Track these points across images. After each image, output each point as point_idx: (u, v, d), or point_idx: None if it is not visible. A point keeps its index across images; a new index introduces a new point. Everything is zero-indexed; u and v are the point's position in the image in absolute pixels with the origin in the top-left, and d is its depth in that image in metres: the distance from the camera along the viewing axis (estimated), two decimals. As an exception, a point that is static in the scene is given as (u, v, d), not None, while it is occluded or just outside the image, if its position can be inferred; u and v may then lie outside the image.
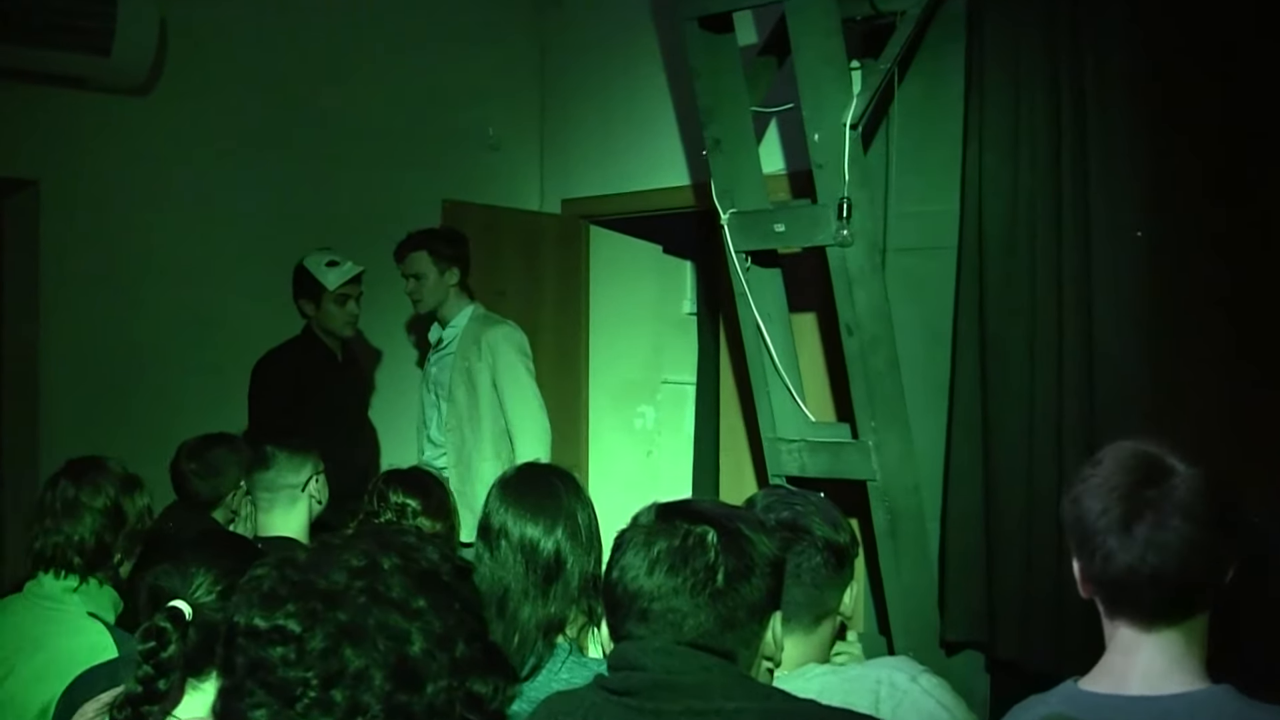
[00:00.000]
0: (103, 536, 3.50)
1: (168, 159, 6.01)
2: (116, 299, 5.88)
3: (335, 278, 5.76)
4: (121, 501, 3.56)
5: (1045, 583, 4.78)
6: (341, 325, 5.84)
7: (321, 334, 5.82)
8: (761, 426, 5.43)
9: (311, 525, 4.35)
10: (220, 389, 5.94)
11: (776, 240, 5.22)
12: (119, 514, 3.54)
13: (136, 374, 5.91)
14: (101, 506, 3.52)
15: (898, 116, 5.37)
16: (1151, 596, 2.16)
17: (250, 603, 1.63)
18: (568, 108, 7.36)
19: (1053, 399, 4.81)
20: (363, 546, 1.68)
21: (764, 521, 2.30)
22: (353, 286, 5.82)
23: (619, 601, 2.16)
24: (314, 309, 5.78)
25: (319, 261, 5.79)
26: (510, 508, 3.22)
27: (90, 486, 3.53)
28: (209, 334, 6.08)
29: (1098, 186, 4.72)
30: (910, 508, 5.14)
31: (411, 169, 6.81)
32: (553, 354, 7.22)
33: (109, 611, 3.46)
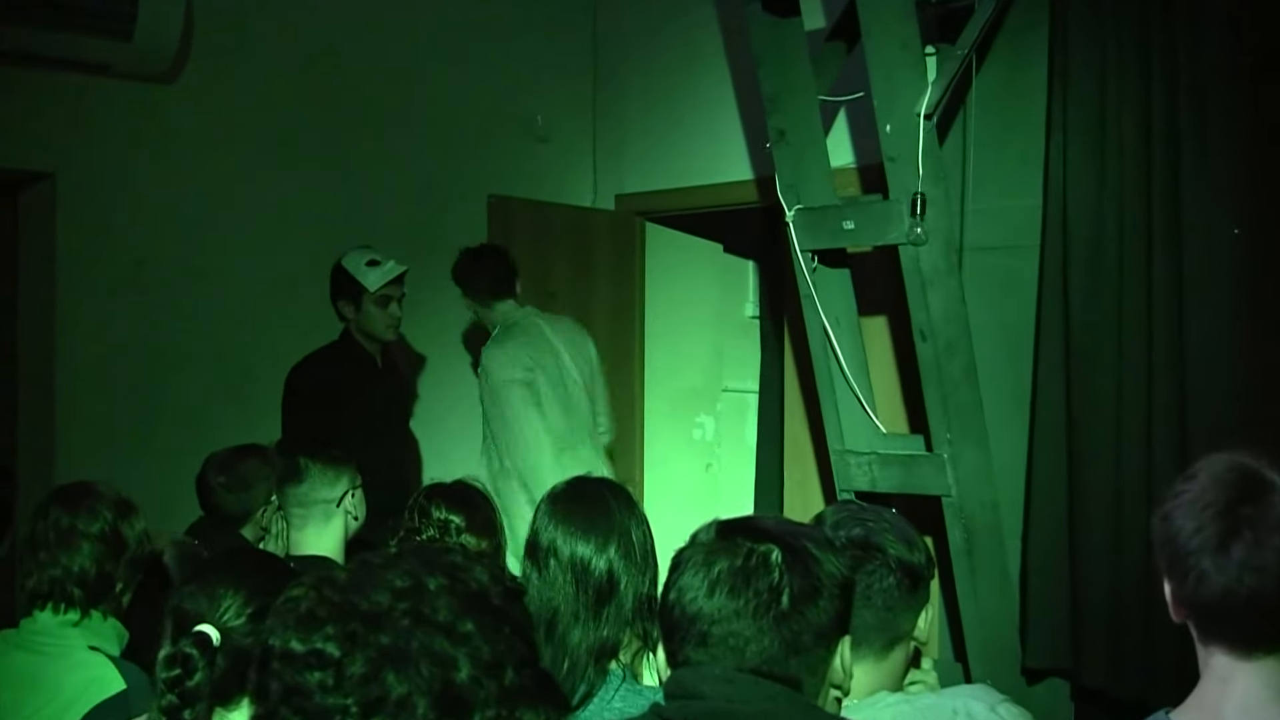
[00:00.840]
0: (103, 565, 3.42)
1: (193, 151, 6.01)
2: (138, 298, 5.88)
3: (376, 278, 5.77)
4: (119, 527, 3.48)
5: (1134, 606, 4.76)
6: (383, 329, 5.84)
7: (361, 338, 5.83)
8: (829, 438, 5.42)
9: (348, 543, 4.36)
10: (251, 396, 5.97)
11: (845, 239, 5.21)
12: (118, 540, 3.47)
13: (160, 379, 5.91)
14: (99, 533, 3.43)
15: (975, 105, 5.35)
16: (1249, 621, 2.14)
17: (286, 624, 1.63)
18: (622, 97, 7.36)
19: (1142, 408, 4.79)
20: (406, 566, 1.67)
21: (832, 540, 2.30)
22: (394, 287, 5.82)
23: (676, 624, 2.16)
24: (353, 311, 5.79)
25: (359, 261, 5.80)
26: (560, 524, 3.22)
27: (86, 513, 3.45)
28: (238, 336, 6.09)
29: (1191, 179, 4.70)
30: (988, 525, 5.12)
31: (455, 162, 6.82)
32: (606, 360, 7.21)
33: (114, 645, 3.40)
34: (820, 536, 2.25)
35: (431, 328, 6.71)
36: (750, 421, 7.89)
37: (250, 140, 6.17)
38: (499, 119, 7.05)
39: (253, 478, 4.70)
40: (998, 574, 5.16)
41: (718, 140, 6.77)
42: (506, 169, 7.03)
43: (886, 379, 5.74)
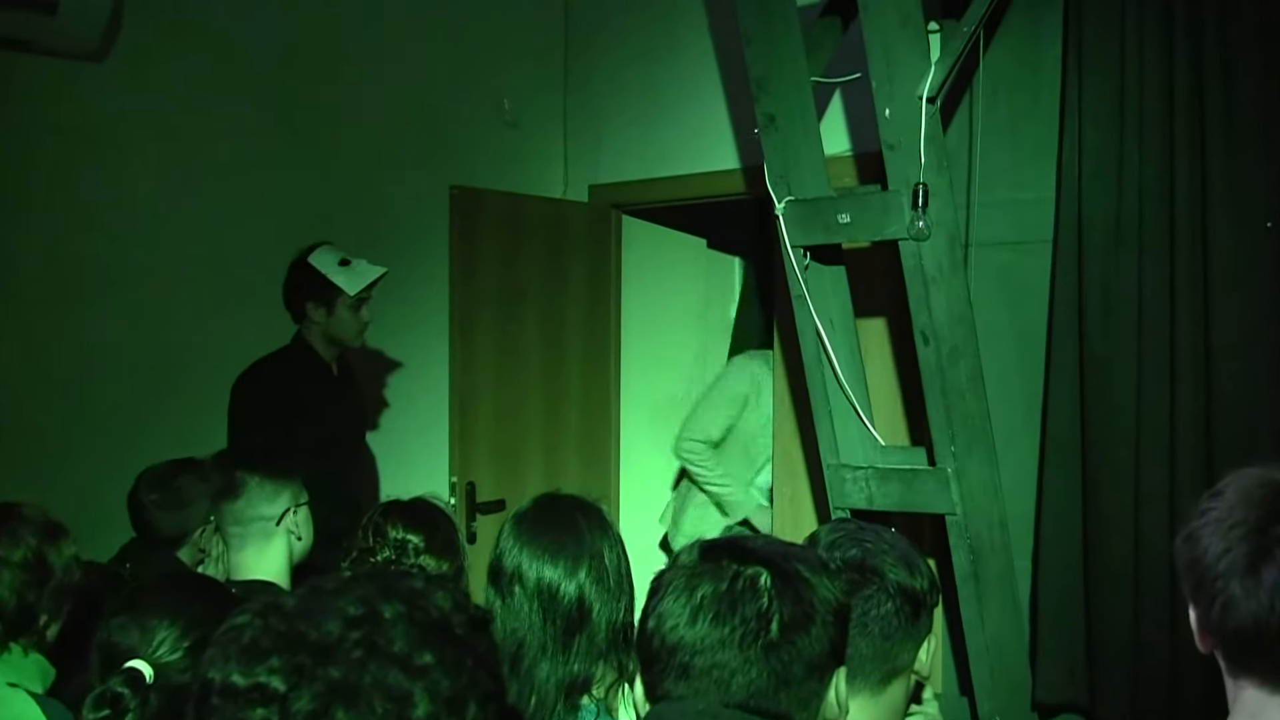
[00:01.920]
0: (24, 595, 3.39)
1: (127, 136, 5.93)
2: (63, 299, 5.79)
3: (355, 280, 5.75)
4: (45, 552, 3.44)
5: (1156, 635, 4.77)
6: (354, 334, 5.84)
7: (320, 343, 5.82)
8: (822, 451, 5.42)
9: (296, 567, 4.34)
10: (189, 406, 5.92)
11: (840, 233, 5.21)
12: (43, 568, 3.42)
13: (88, 386, 5.82)
14: (21, 560, 3.39)
15: (983, 87, 5.37)
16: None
17: (227, 655, 1.61)
18: (596, 77, 7.36)
19: (1164, 419, 4.80)
20: (360, 592, 1.66)
21: (826, 562, 2.30)
22: (368, 290, 5.83)
23: (656, 655, 2.15)
24: (324, 315, 5.78)
25: (329, 260, 5.77)
26: (525, 546, 3.21)
27: (7, 538, 3.41)
28: (176, 340, 6.04)
29: (1220, 168, 4.71)
30: (996, 546, 5.13)
31: (415, 149, 6.81)
32: (579, 364, 7.23)
33: (36, 682, 3.35)
34: (813, 558, 2.25)
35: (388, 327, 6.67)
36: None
37: (189, 125, 6.11)
38: (462, 102, 7.04)
39: (189, 495, 4.67)
40: (1007, 599, 5.16)
41: (701, 126, 6.77)
42: (470, 156, 7.01)
43: (885, 387, 5.75)
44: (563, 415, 7.17)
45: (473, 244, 6.54)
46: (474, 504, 6.58)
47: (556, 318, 7.07)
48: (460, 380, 6.62)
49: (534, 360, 6.99)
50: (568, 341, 7.10)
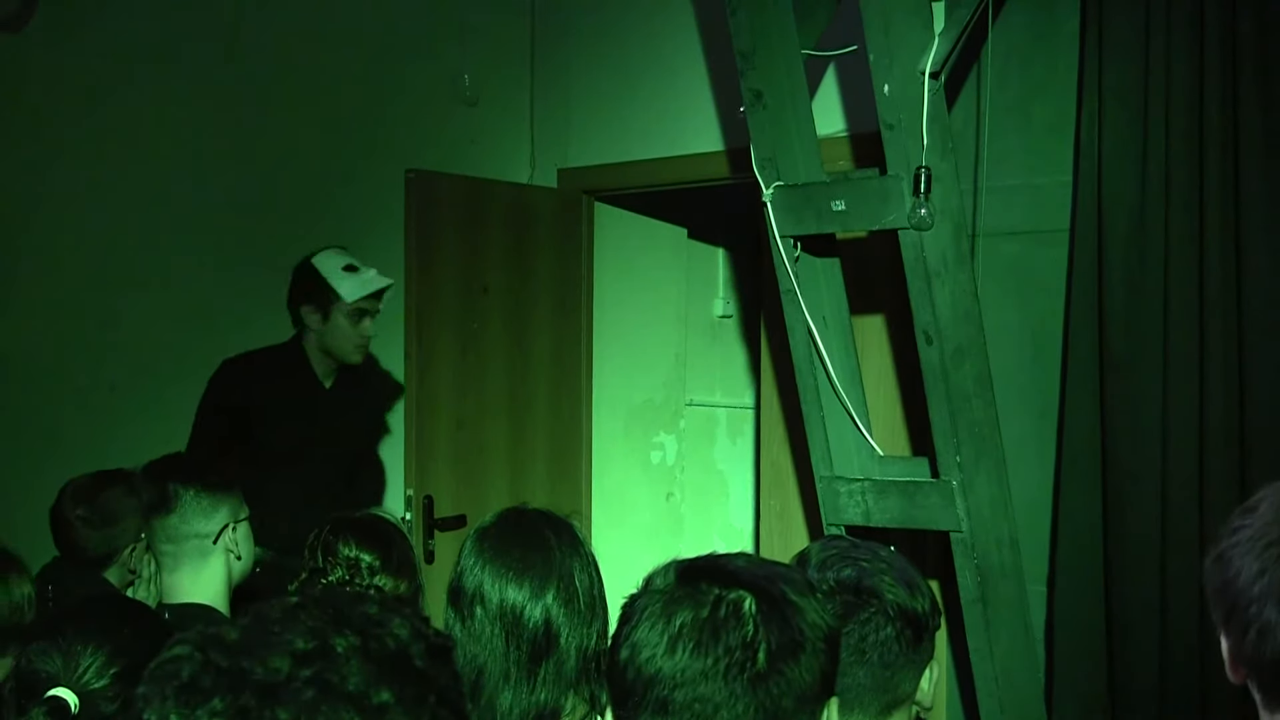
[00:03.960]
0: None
1: (47, 115, 5.89)
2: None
3: (354, 287, 5.75)
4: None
5: (1184, 664, 4.78)
6: (350, 349, 5.83)
7: (316, 354, 5.83)
8: (814, 462, 5.42)
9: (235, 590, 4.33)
10: (118, 413, 5.92)
11: (834, 222, 5.21)
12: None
13: (4, 393, 5.86)
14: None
15: (993, 62, 5.37)
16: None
17: (163, 694, 1.59)
18: (565, 51, 7.35)
19: (1193, 427, 4.80)
20: (311, 622, 1.64)
21: (815, 583, 2.30)
22: (372, 301, 5.82)
23: (631, 688, 2.15)
24: (319, 322, 5.78)
25: (333, 264, 5.77)
26: (488, 565, 3.21)
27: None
28: (103, 341, 6.03)
29: (1254, 151, 4.72)
30: (1006, 567, 5.13)
31: (366, 129, 6.79)
32: (547, 366, 7.22)
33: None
34: (800, 580, 2.25)
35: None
36: (720, 441, 7.90)
37: (121, 102, 6.07)
38: (418, 77, 7.03)
39: (118, 510, 4.66)
40: (1018, 626, 5.17)
41: (682, 104, 6.77)
42: (427, 137, 7.00)
43: (884, 391, 5.76)
44: (529, 422, 7.15)
45: (431, 234, 6.52)
46: (432, 519, 6.56)
47: (523, 315, 7.06)
48: (417, 383, 6.59)
49: (498, 361, 6.97)
50: (535, 341, 7.09)
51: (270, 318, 6.01)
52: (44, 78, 5.89)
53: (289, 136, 6.55)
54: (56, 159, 5.92)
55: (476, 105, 7.22)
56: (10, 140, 5.81)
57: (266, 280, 6.11)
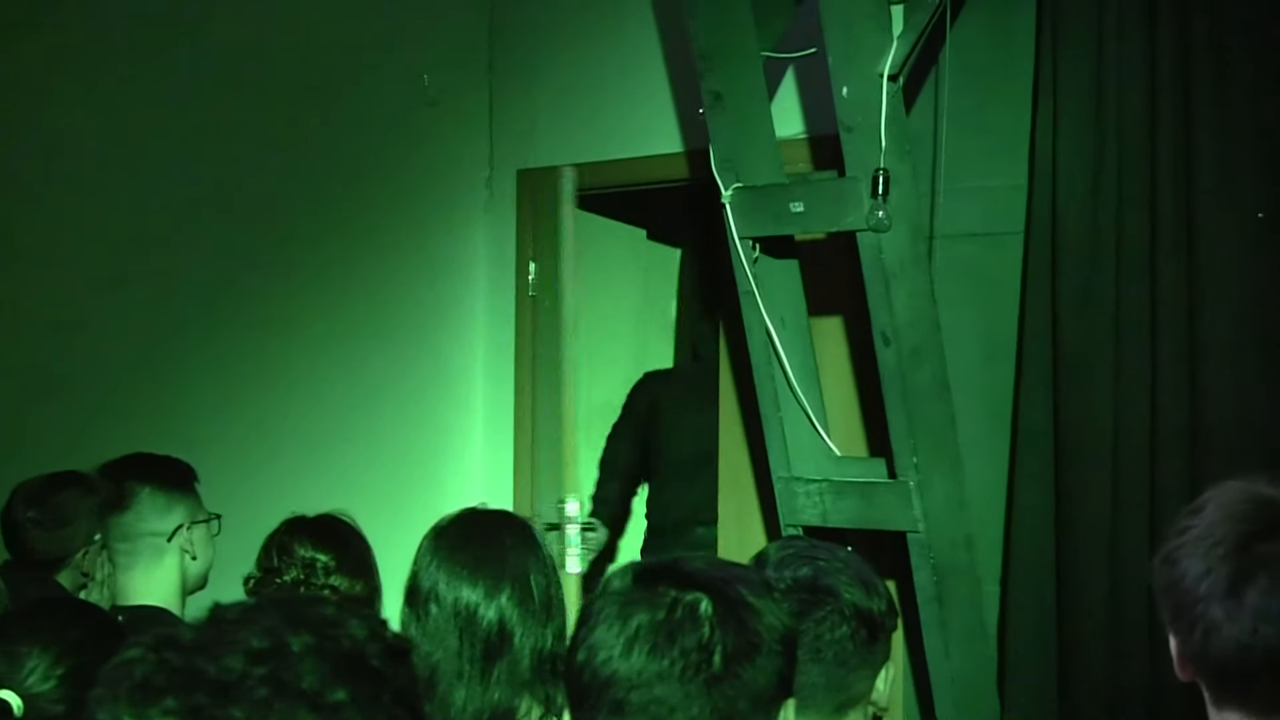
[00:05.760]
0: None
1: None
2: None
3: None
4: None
5: (1135, 663, 4.80)
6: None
7: None
8: (772, 463, 5.43)
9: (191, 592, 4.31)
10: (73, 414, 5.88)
11: (793, 223, 5.22)
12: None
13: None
14: None
15: (950, 66, 5.38)
16: (1268, 681, 2.15)
17: (116, 695, 1.59)
18: (525, 51, 7.32)
19: (1145, 428, 4.82)
20: (266, 622, 1.64)
21: (771, 584, 2.30)
22: None
23: (587, 689, 2.15)
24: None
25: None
26: (443, 564, 3.23)
27: None
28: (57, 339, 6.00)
29: (1208, 155, 4.74)
30: (962, 566, 5.15)
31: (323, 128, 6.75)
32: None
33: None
34: (757, 581, 2.25)
35: (295, 323, 6.64)
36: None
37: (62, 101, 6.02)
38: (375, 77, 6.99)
39: (71, 512, 4.60)
40: (974, 626, 5.18)
41: (641, 106, 6.76)
42: (386, 137, 6.98)
43: (842, 392, 5.76)
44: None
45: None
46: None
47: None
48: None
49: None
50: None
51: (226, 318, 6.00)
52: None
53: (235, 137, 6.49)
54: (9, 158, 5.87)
55: (436, 106, 7.19)
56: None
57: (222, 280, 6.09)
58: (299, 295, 6.46)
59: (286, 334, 6.54)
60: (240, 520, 4.57)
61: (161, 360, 5.89)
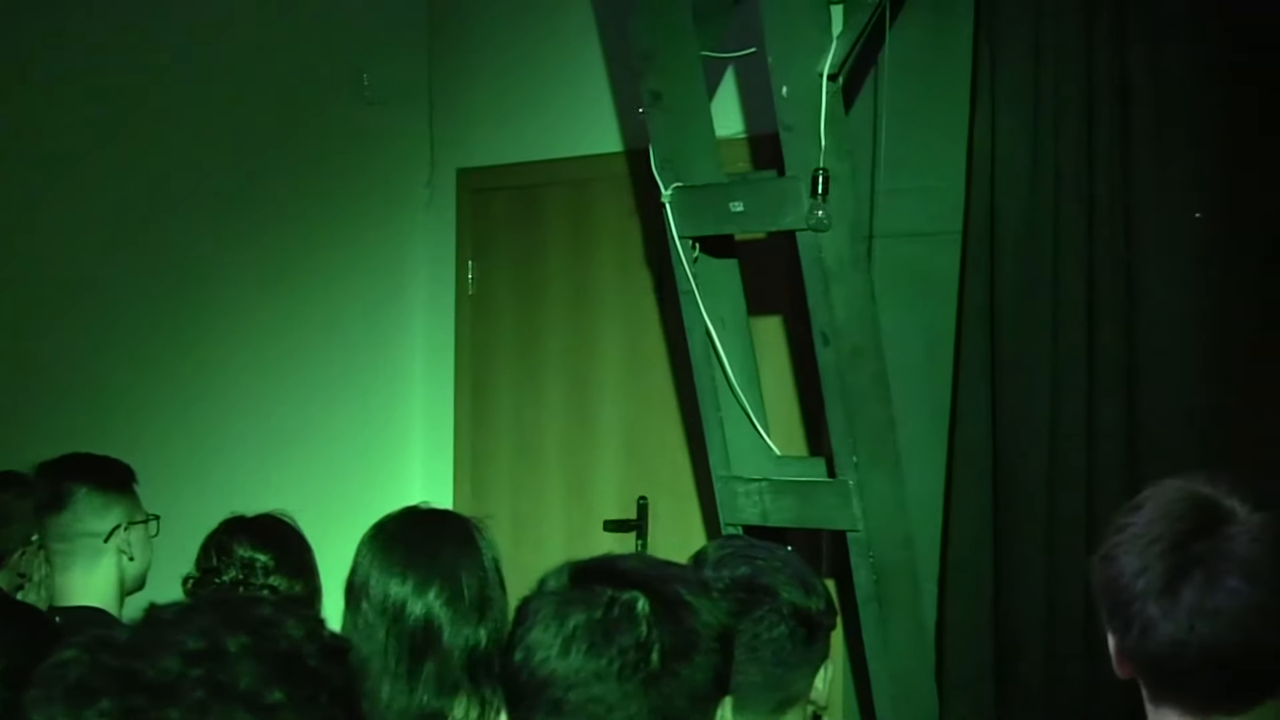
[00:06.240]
0: None
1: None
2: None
3: None
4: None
5: (1073, 661, 4.81)
6: None
7: None
8: (712, 462, 5.43)
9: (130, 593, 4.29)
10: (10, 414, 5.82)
11: (733, 223, 5.23)
12: None
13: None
14: None
15: (889, 66, 5.38)
16: (1203, 677, 2.16)
17: (51, 697, 1.57)
18: (465, 51, 7.30)
19: (1082, 427, 4.84)
20: (202, 622, 1.62)
21: (708, 583, 2.31)
22: None
23: (525, 689, 2.15)
24: None
25: None
26: (376, 558, 3.24)
27: None
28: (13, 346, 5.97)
29: (1144, 155, 4.75)
30: (902, 565, 5.15)
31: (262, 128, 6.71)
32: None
33: None
34: (694, 579, 2.26)
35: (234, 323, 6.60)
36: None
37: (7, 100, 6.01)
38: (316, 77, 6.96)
39: (8, 513, 4.57)
40: (912, 624, 5.18)
41: (581, 106, 6.74)
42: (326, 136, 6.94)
43: (782, 391, 5.77)
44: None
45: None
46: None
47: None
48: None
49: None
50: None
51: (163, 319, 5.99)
52: None
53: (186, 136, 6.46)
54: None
55: (375, 105, 7.16)
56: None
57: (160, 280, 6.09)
58: (238, 296, 6.45)
59: (226, 334, 6.52)
60: (180, 520, 4.56)
61: (100, 360, 5.89)
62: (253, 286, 6.50)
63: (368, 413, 6.98)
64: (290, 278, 6.60)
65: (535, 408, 6.97)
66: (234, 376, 6.48)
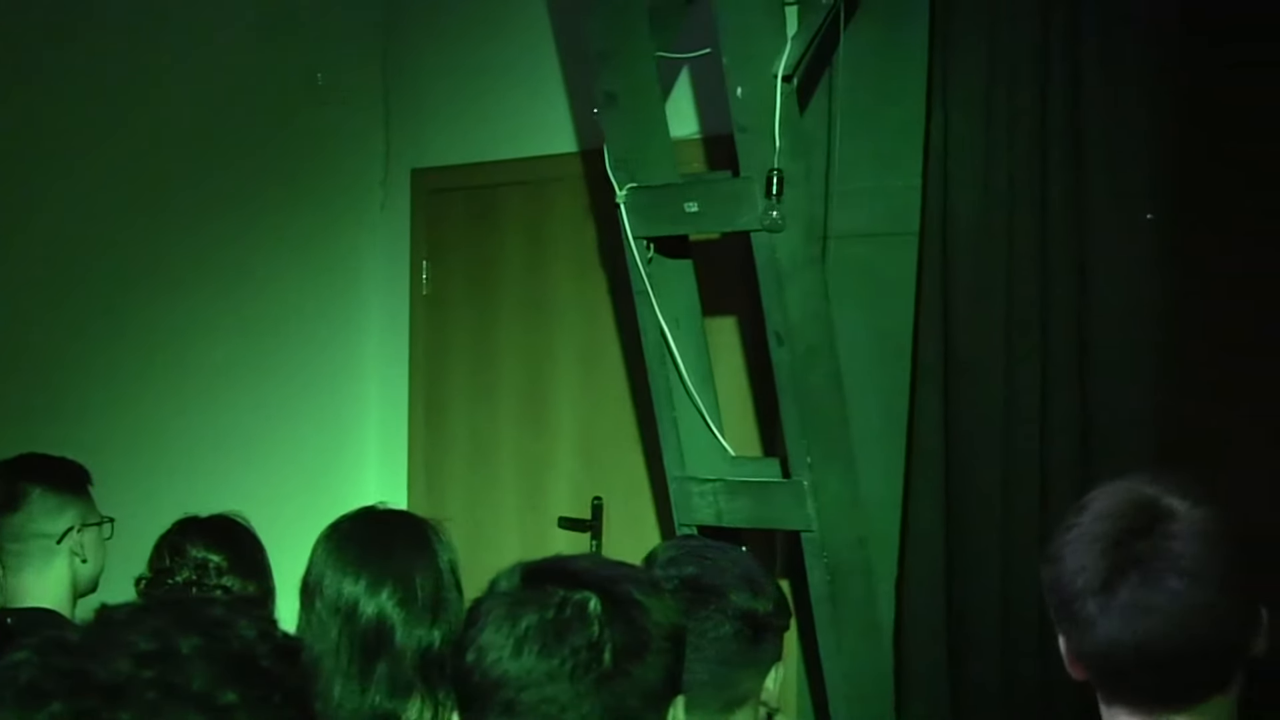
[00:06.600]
0: None
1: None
2: None
3: None
4: None
5: (1028, 661, 4.82)
6: None
7: None
8: (666, 462, 5.43)
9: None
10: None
11: (688, 223, 5.23)
12: None
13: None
14: None
15: (844, 67, 5.39)
16: (1144, 676, 2.18)
17: (2, 699, 1.56)
18: (420, 51, 7.28)
19: (1035, 428, 4.85)
20: (155, 623, 1.62)
21: (659, 582, 2.32)
22: None
23: (477, 690, 2.16)
24: None
25: None
26: (330, 557, 3.24)
27: None
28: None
29: (1097, 157, 4.76)
30: (856, 565, 5.16)
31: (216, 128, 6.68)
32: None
33: None
34: (645, 579, 2.27)
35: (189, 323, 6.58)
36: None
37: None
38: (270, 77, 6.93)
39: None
40: (866, 623, 5.19)
41: (537, 106, 6.73)
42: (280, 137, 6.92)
43: (736, 392, 5.77)
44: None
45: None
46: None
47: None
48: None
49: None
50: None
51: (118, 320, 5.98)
52: None
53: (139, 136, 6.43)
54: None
55: (329, 105, 7.14)
56: None
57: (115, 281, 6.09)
58: (193, 295, 6.43)
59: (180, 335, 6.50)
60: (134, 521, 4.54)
61: (55, 361, 5.86)
62: (206, 287, 6.48)
63: (322, 413, 6.97)
64: (244, 278, 6.59)
65: (490, 408, 6.96)
66: (187, 377, 6.46)
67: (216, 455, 6.46)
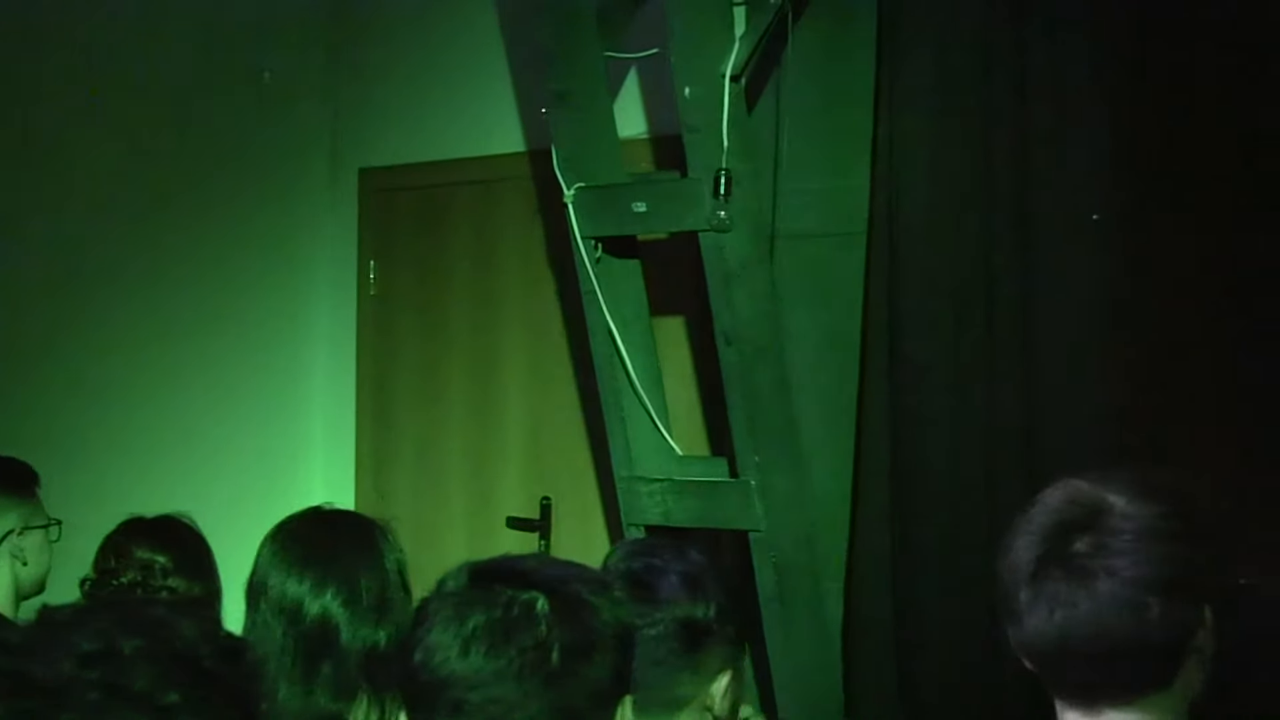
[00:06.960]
0: None
1: None
2: None
3: None
4: None
5: (976, 657, 4.83)
6: None
7: None
8: (615, 462, 5.42)
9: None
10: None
11: (636, 223, 5.24)
12: None
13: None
14: None
15: (792, 67, 5.39)
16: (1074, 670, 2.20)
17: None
18: (368, 49, 7.26)
19: (982, 426, 4.86)
20: (98, 624, 1.63)
21: (606, 582, 2.32)
22: None
23: (424, 690, 2.15)
24: None
25: None
26: (275, 557, 3.23)
27: None
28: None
29: (1042, 157, 4.77)
30: (803, 564, 5.16)
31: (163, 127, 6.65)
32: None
33: None
34: (593, 579, 2.27)
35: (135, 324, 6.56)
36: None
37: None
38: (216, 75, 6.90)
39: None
40: (815, 623, 5.18)
41: (485, 105, 6.71)
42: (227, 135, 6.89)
43: (684, 391, 5.77)
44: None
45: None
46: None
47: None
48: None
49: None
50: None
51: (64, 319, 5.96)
52: None
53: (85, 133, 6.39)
54: None
55: (277, 103, 7.11)
56: None
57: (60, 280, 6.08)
58: (139, 295, 6.40)
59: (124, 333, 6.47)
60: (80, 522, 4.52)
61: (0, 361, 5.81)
62: (152, 287, 6.45)
63: (268, 413, 6.95)
64: (190, 277, 6.56)
65: (438, 408, 6.95)
66: (132, 376, 6.42)
67: (163, 456, 6.43)
